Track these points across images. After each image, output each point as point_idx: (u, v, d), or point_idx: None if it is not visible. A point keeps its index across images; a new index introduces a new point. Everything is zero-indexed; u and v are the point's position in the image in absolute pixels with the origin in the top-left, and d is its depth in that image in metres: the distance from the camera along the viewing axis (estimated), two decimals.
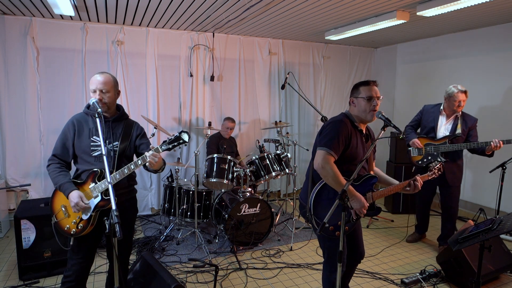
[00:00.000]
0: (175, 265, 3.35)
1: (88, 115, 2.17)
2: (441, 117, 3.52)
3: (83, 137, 2.12)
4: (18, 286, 2.95)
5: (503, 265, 3.02)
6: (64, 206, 2.12)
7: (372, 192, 2.17)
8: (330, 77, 5.98)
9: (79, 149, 2.13)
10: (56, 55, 4.28)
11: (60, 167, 2.11)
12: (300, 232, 4.22)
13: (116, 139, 2.17)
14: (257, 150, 4.32)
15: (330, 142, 2.08)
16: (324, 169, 2.06)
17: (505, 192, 4.03)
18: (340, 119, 2.18)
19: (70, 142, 2.12)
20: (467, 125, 3.42)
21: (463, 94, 3.34)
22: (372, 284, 3.08)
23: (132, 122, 2.31)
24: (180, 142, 1.97)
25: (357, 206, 2.07)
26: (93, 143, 2.13)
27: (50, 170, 2.11)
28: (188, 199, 4.04)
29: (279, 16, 4.02)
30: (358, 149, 2.17)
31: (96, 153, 2.12)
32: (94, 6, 3.66)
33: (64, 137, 2.14)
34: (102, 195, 2.05)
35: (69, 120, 2.17)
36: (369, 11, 3.75)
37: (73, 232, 2.08)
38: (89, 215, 2.06)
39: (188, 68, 4.95)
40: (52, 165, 2.12)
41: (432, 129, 3.52)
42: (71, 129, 2.13)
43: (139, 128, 2.30)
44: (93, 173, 2.09)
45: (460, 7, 3.35)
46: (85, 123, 2.15)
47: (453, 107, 3.37)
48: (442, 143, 3.43)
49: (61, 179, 2.07)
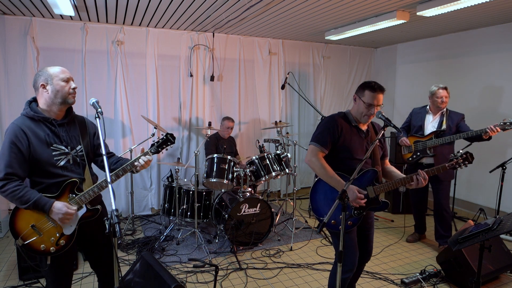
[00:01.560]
0: (175, 265, 3.35)
1: (36, 119, 1.84)
2: (427, 116, 3.70)
3: (41, 147, 1.82)
4: (18, 286, 2.95)
5: (503, 265, 3.02)
6: (34, 225, 1.82)
7: (374, 186, 2.17)
8: (330, 77, 5.98)
9: (40, 162, 1.82)
10: (56, 55, 4.28)
11: (20, 183, 1.77)
12: (300, 232, 4.22)
13: (77, 143, 1.96)
14: (257, 150, 4.32)
15: (318, 137, 2.21)
16: (311, 161, 2.19)
17: (505, 192, 4.03)
18: (331, 116, 2.27)
19: (25, 154, 1.78)
20: (453, 121, 3.55)
21: (444, 91, 3.54)
22: (372, 284, 3.08)
23: (82, 119, 2.06)
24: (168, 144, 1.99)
25: (350, 198, 2.08)
26: (55, 152, 1.86)
27: (9, 191, 1.74)
28: (188, 199, 4.04)
29: (279, 16, 4.02)
30: (353, 143, 2.19)
31: (62, 162, 1.87)
32: (94, 6, 3.66)
33: (16, 150, 1.77)
34: (86, 206, 1.93)
35: (13, 129, 1.80)
36: (369, 11, 3.75)
37: (52, 251, 1.85)
38: (73, 230, 1.90)
39: (188, 68, 4.95)
40: (8, 184, 1.74)
41: (420, 127, 3.70)
42: (23, 139, 1.78)
43: (93, 126, 2.09)
44: (70, 184, 1.88)
45: (460, 7, 3.35)
46: (36, 129, 1.83)
47: (437, 103, 3.55)
48: (428, 139, 3.58)
49: (31, 196, 1.76)
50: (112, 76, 4.54)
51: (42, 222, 1.84)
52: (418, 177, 2.13)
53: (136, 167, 1.99)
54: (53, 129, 1.88)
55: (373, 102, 2.12)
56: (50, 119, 1.86)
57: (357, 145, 2.20)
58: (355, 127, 2.23)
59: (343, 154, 2.19)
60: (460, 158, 2.16)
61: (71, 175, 1.90)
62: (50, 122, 1.87)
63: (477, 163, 4.66)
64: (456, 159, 2.17)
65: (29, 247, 1.82)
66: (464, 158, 2.16)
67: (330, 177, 2.12)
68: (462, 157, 2.16)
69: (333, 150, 2.21)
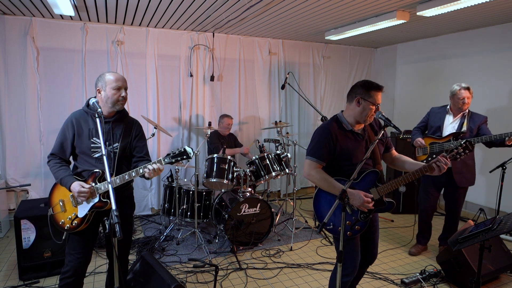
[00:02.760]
0: (175, 265, 3.35)
1: (88, 114, 2.14)
2: (447, 116, 3.47)
3: (83, 138, 2.11)
4: (18, 286, 2.95)
5: (503, 265, 3.02)
6: (62, 200, 2.13)
7: (377, 187, 2.12)
8: (330, 77, 5.98)
9: (79, 150, 2.12)
10: (56, 55, 4.28)
11: (60, 162, 2.13)
12: (300, 232, 4.22)
13: (116, 141, 2.15)
14: (257, 150, 4.32)
15: (313, 150, 2.15)
16: (310, 175, 2.15)
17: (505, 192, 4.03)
18: (323, 126, 2.19)
19: (69, 142, 2.11)
20: (475, 123, 3.33)
21: (467, 91, 3.31)
22: (372, 284, 3.08)
23: (132, 121, 2.28)
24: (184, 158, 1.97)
25: (357, 203, 2.05)
26: (93, 144, 2.11)
27: (51, 165, 2.13)
28: (188, 199, 4.04)
29: (279, 16, 4.02)
30: (350, 149, 2.14)
31: (97, 155, 2.11)
32: (94, 6, 3.66)
33: (63, 137, 2.12)
34: (100, 196, 2.06)
35: (68, 119, 2.14)
36: (369, 11, 3.75)
37: (67, 228, 2.10)
38: (84, 214, 2.07)
39: (188, 68, 4.95)
40: (52, 160, 2.14)
41: (438, 128, 3.48)
42: (70, 129, 2.11)
43: (138, 129, 2.27)
44: (94, 174, 2.08)
45: (460, 7, 3.35)
46: (85, 123, 2.13)
47: (458, 105, 3.33)
48: (446, 141, 3.38)
49: (62, 173, 2.08)
50: None
51: (67, 200, 2.12)
52: (439, 163, 2.02)
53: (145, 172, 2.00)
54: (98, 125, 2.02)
55: (379, 101, 2.09)
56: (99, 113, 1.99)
57: (354, 150, 2.14)
58: (350, 131, 2.16)
59: (342, 162, 2.15)
60: (460, 147, 2.11)
61: (101, 167, 2.08)
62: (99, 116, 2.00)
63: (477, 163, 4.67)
64: (456, 149, 2.11)
65: (54, 218, 2.16)
66: (464, 147, 2.11)
67: (332, 186, 2.07)
68: (462, 146, 2.11)
69: (331, 159, 2.16)
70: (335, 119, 2.21)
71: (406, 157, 2.32)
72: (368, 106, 2.09)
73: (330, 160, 2.16)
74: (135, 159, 2.25)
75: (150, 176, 2.00)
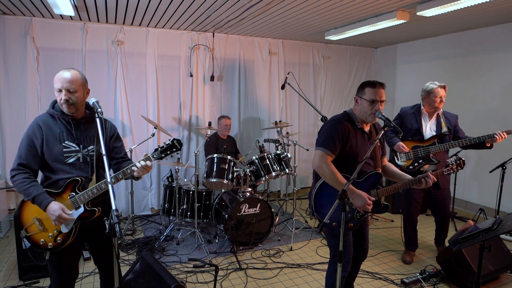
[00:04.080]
0: (175, 265, 3.35)
1: (55, 116, 1.92)
2: (423, 117, 3.32)
3: (53, 143, 1.89)
4: (18, 286, 2.95)
5: (503, 265, 3.02)
6: (38, 219, 1.90)
7: (377, 189, 2.16)
8: (330, 77, 5.98)
9: (50, 157, 1.89)
10: (56, 55, 4.28)
11: (28, 177, 1.86)
12: (300, 232, 4.22)
13: (91, 142, 1.98)
14: (257, 150, 4.32)
15: (326, 142, 2.13)
16: (321, 168, 2.12)
17: (505, 192, 4.03)
18: (337, 119, 2.21)
19: (38, 148, 1.88)
20: (451, 123, 3.27)
21: (443, 89, 3.21)
22: (372, 284, 3.08)
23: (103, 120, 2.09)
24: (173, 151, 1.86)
25: (359, 203, 2.07)
26: (66, 149, 1.91)
27: (17, 182, 1.84)
28: (188, 199, 4.04)
29: (279, 16, 4.02)
30: (358, 148, 2.17)
31: (71, 160, 1.92)
32: (94, 6, 3.66)
33: (30, 143, 1.87)
34: (85, 206, 1.91)
35: (33, 123, 1.91)
36: (369, 11, 3.75)
37: (50, 247, 1.89)
38: (70, 228, 1.90)
39: (188, 68, 4.95)
40: (18, 175, 1.85)
41: (418, 130, 3.28)
42: (38, 134, 1.88)
43: (112, 129, 2.11)
44: (73, 182, 1.90)
45: (460, 7, 3.35)
46: (53, 126, 1.91)
47: (434, 103, 3.19)
48: (431, 144, 3.19)
49: (33, 191, 1.82)
50: (112, 76, 4.54)
51: (43, 217, 1.89)
52: (428, 179, 2.13)
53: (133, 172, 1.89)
54: (68, 127, 1.92)
55: (376, 97, 2.10)
56: (67, 117, 1.88)
57: (362, 148, 2.18)
58: (360, 129, 2.20)
59: (348, 158, 2.17)
60: (454, 164, 2.26)
61: (77, 173, 1.92)
62: (67, 120, 1.90)
63: (477, 163, 4.68)
64: (451, 164, 2.27)
65: (31, 240, 1.90)
66: (457, 164, 2.27)
67: (339, 183, 2.07)
68: (456, 163, 2.27)
69: (338, 154, 2.17)
70: (346, 115, 2.24)
71: (394, 167, 2.40)
72: (364, 103, 2.13)
73: (337, 155, 2.17)
74: (116, 161, 2.10)
75: (140, 175, 1.89)
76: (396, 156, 3.33)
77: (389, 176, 2.37)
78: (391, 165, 2.40)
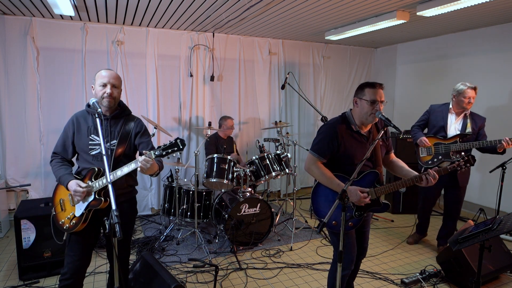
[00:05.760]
0: (175, 265, 3.35)
1: (89, 113, 2.15)
2: (450, 116, 3.42)
3: (82, 135, 2.11)
4: (18, 286, 2.95)
5: (503, 265, 3.02)
6: (62, 199, 2.15)
7: (375, 188, 2.16)
8: (330, 77, 5.98)
9: (78, 147, 2.13)
10: (56, 55, 4.28)
11: (61, 161, 2.15)
12: (300, 232, 4.22)
13: (113, 138, 2.12)
14: (257, 150, 4.32)
15: (317, 146, 2.21)
16: (310, 170, 2.22)
17: (505, 192, 4.03)
18: (331, 123, 2.23)
19: (70, 140, 2.13)
20: (477, 125, 3.34)
21: (473, 91, 3.28)
22: (372, 284, 3.08)
23: (132, 118, 2.24)
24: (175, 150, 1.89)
25: (354, 199, 2.09)
26: (91, 141, 2.10)
27: (52, 165, 2.15)
28: (188, 199, 4.04)
29: (279, 16, 4.02)
30: (353, 150, 2.17)
31: (94, 152, 2.10)
32: (94, 6, 3.66)
33: (65, 135, 2.15)
34: (95, 194, 2.03)
35: (71, 118, 2.17)
36: (369, 11, 3.75)
37: (66, 228, 2.10)
38: (81, 213, 2.05)
39: (188, 68, 4.95)
40: (54, 160, 2.16)
41: (442, 128, 3.40)
42: (71, 127, 2.13)
43: (139, 126, 2.22)
44: (91, 171, 2.07)
45: (460, 7, 3.35)
46: (85, 121, 2.14)
47: (463, 104, 3.28)
48: (452, 142, 3.30)
49: (61, 172, 2.09)
50: None
51: (66, 199, 2.12)
52: (428, 177, 2.10)
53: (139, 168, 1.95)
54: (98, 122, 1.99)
55: (376, 97, 2.10)
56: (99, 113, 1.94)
57: (358, 151, 2.17)
58: (356, 132, 2.20)
59: (344, 161, 2.19)
60: (462, 160, 2.18)
61: (98, 165, 2.09)
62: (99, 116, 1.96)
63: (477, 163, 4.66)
64: (458, 161, 2.19)
65: (55, 218, 2.17)
66: (465, 160, 2.18)
67: (330, 181, 2.14)
68: (464, 160, 2.18)
69: (333, 157, 2.20)
70: (343, 118, 2.25)
71: (403, 162, 2.38)
72: (364, 104, 2.13)
73: (332, 158, 2.21)
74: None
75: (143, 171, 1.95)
76: (418, 150, 3.51)
77: (396, 172, 2.36)
78: (399, 161, 2.38)
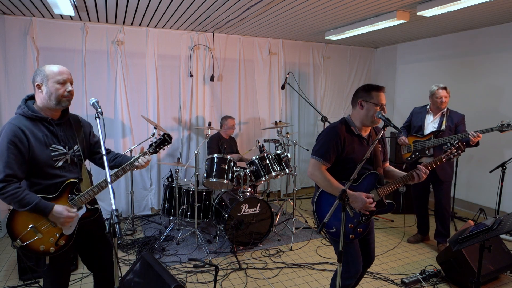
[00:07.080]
0: (175, 265, 3.35)
1: (36, 119, 1.81)
2: (428, 116, 3.71)
3: (40, 148, 1.79)
4: (18, 286, 2.96)
5: (503, 265, 3.02)
6: (34, 225, 1.81)
7: (377, 189, 2.15)
8: (330, 77, 5.98)
9: (38, 163, 1.79)
10: (56, 55, 4.27)
11: (19, 186, 1.74)
12: (300, 232, 4.22)
13: (74, 143, 1.94)
14: (257, 150, 4.32)
15: (320, 151, 2.14)
16: (314, 175, 2.14)
17: (505, 192, 4.03)
18: (333, 127, 2.20)
19: (25, 156, 1.75)
20: (453, 121, 3.56)
21: (444, 90, 3.54)
22: (372, 284, 3.08)
23: (76, 118, 2.04)
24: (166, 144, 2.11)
25: (359, 205, 2.05)
26: (54, 152, 1.83)
27: (9, 194, 1.69)
28: (188, 199, 4.04)
29: (279, 16, 4.02)
30: (356, 154, 2.15)
31: (60, 163, 1.86)
32: (94, 6, 3.66)
33: (14, 151, 1.71)
34: (86, 206, 1.94)
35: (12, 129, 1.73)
36: (369, 11, 3.75)
37: (52, 251, 1.85)
38: (72, 230, 1.90)
39: (188, 68, 4.95)
40: (8, 186, 1.69)
41: (420, 127, 3.71)
42: (24, 140, 1.74)
43: (88, 124, 2.09)
44: (70, 185, 1.88)
45: (460, 7, 3.35)
46: (34, 129, 1.79)
47: (437, 104, 3.56)
48: (427, 139, 3.58)
49: (31, 199, 1.73)
50: (112, 76, 4.54)
51: (41, 223, 1.82)
52: (418, 172, 2.13)
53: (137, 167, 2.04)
54: (51, 129, 1.86)
55: (383, 101, 2.10)
56: (48, 119, 1.83)
57: (360, 155, 2.15)
58: (357, 136, 2.18)
59: (346, 165, 2.15)
60: (453, 148, 2.22)
61: (69, 176, 1.90)
62: (48, 122, 1.84)
63: (477, 163, 4.68)
64: (449, 149, 2.22)
65: (28, 248, 1.80)
66: (457, 147, 2.22)
67: (335, 188, 2.07)
68: (455, 147, 2.21)
69: (335, 161, 2.16)
70: (343, 122, 2.22)
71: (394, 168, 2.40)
72: (371, 107, 2.10)
73: (334, 162, 2.16)
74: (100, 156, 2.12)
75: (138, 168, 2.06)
76: (400, 149, 3.85)
77: (389, 178, 2.37)
78: (391, 167, 2.40)
